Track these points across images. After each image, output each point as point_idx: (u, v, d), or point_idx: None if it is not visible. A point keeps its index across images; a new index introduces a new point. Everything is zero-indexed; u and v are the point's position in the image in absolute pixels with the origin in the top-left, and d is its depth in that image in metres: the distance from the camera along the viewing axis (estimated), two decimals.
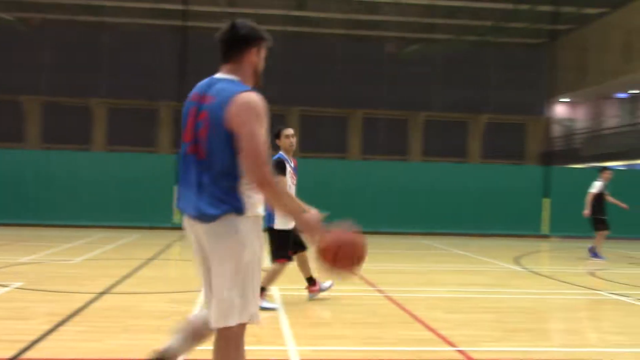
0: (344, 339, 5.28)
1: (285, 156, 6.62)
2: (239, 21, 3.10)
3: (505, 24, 27.94)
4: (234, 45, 3.08)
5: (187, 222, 3.09)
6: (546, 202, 18.50)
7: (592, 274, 10.27)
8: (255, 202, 3.00)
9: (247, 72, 3.10)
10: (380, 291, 7.85)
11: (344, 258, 2.93)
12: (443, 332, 5.60)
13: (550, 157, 22.63)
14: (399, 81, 29.36)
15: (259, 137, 2.86)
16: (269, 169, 2.86)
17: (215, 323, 2.95)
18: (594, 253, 12.42)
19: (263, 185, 2.87)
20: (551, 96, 26.99)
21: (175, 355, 3.23)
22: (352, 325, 5.88)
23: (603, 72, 28.37)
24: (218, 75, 3.09)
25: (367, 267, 10.18)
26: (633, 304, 7.53)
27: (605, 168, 13.17)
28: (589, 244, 12.95)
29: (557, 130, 34.85)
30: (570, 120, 36.43)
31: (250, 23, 3.12)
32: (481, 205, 18.56)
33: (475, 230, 18.33)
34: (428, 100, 29.92)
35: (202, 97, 3.02)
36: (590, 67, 29.41)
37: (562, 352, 5.03)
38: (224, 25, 3.10)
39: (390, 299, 7.32)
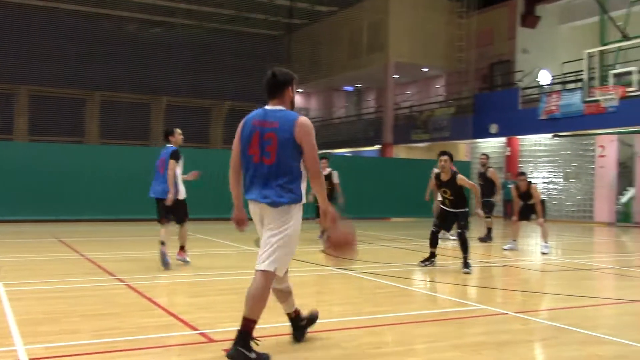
0: (78, 334, 5.03)
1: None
2: (277, 70, 4.56)
3: (245, 14, 28.74)
4: (277, 88, 4.50)
5: (258, 207, 4.39)
6: None
7: (324, 252, 11.15)
8: (302, 194, 4.38)
9: (287, 103, 4.53)
10: (120, 280, 7.62)
11: (345, 248, 4.96)
12: (184, 317, 5.65)
13: None
14: (140, 64, 28.44)
15: (315, 146, 4.35)
16: (320, 166, 4.34)
17: (257, 265, 4.40)
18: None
19: (318, 177, 4.32)
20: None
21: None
22: (86, 317, 5.62)
23: (333, 65, 30.75)
24: (269, 107, 4.45)
25: (104, 255, 9.77)
26: (357, 276, 8.36)
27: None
28: (312, 223, 13.92)
29: None
30: (305, 109, 38.86)
31: (284, 70, 4.62)
32: (225, 189, 18.92)
33: (212, 215, 18.64)
34: (170, 85, 29.49)
35: (263, 122, 4.35)
36: (322, 60, 31.68)
37: None
38: (267, 74, 4.52)
39: (130, 287, 7.15)
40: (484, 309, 6.39)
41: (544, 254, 11.42)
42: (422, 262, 9.41)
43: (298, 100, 38.67)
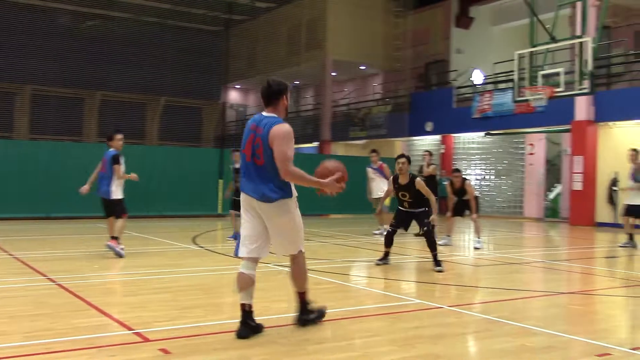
0: (8, 335, 4.86)
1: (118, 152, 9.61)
2: (271, 80, 5.12)
3: (184, 8, 28.28)
4: (272, 96, 5.08)
5: (248, 200, 5.02)
6: (221, 183, 19.36)
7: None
8: (294, 189, 5.06)
9: (281, 111, 5.10)
10: (51, 280, 7.39)
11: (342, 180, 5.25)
12: (118, 316, 5.54)
13: (225, 140, 23.69)
14: (74, 58, 27.55)
15: (283, 148, 4.87)
16: (290, 167, 4.86)
17: (284, 253, 5.28)
18: None
19: (285, 174, 4.88)
20: (225, 82, 28.22)
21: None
22: (16, 319, 5.43)
23: (271, 62, 30.66)
24: (264, 113, 5.06)
25: (34, 255, 9.46)
26: None
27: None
28: None
29: (230, 115, 36.61)
30: (243, 105, 38.60)
31: (278, 79, 5.16)
32: (160, 187, 18.62)
33: (154, 212, 18.35)
34: (105, 80, 28.70)
35: (256, 127, 4.97)
36: (259, 56, 31.55)
37: (234, 323, 5.37)
38: (263, 84, 5.12)
39: (62, 287, 6.95)
40: (420, 303, 6.52)
41: (476, 248, 11.75)
42: (377, 261, 9.36)
43: (235, 96, 38.42)
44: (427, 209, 9.15)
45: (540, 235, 16.41)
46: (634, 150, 12.76)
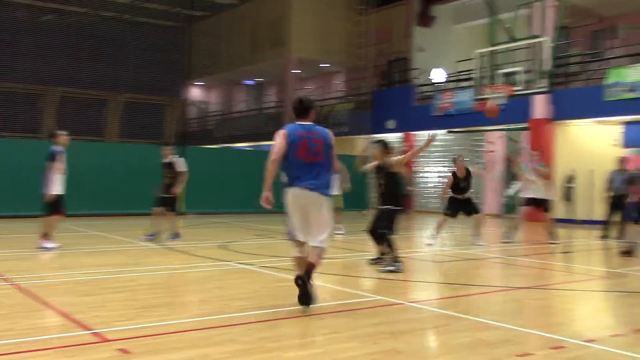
0: None
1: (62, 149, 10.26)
2: (303, 97, 6.33)
3: (144, 3, 27.91)
4: (305, 110, 6.18)
5: (304, 193, 6.00)
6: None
7: (224, 247, 11.08)
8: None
9: (313, 120, 6.19)
10: (6, 280, 7.24)
11: None
12: (77, 316, 5.46)
13: (186, 137, 23.49)
14: (31, 53, 26.90)
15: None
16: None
17: (324, 244, 6.05)
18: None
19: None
20: (187, 79, 27.97)
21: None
22: None
23: (233, 59, 30.48)
24: (305, 123, 6.14)
25: None
26: (256, 271, 8.39)
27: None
28: (220, 218, 13.83)
29: (192, 112, 36.29)
30: (205, 102, 38.29)
31: (308, 97, 6.36)
32: (120, 184, 18.36)
33: (115, 210, 18.09)
34: (64, 76, 28.10)
35: (309, 132, 6.04)
36: (222, 53, 31.33)
37: (195, 322, 5.35)
38: (295, 99, 6.29)
39: (18, 287, 6.81)
40: (381, 299, 6.59)
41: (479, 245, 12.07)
42: (371, 260, 9.11)
43: (197, 93, 38.09)
44: (391, 207, 8.65)
45: (499, 231, 16.69)
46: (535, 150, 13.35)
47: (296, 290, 5.82)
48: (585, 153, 19.00)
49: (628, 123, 19.13)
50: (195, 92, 37.50)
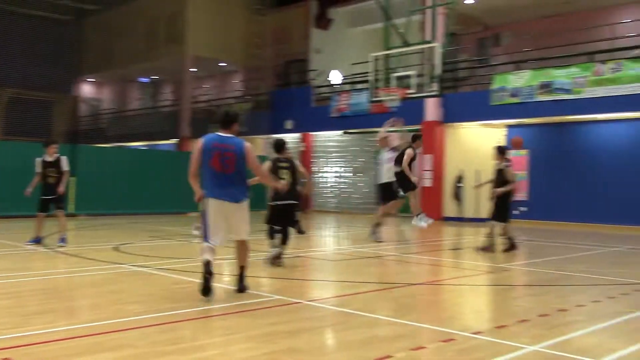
0: None
1: None
2: (229, 110, 7.36)
3: None
4: (228, 122, 6.76)
5: (219, 203, 6.42)
6: (72, 181, 18.38)
7: (117, 249, 10.71)
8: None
9: (235, 133, 6.73)
10: None
11: None
12: None
13: (77, 135, 22.53)
14: None
15: (256, 160, 6.72)
16: (262, 170, 7.08)
17: (245, 238, 6.68)
18: None
19: (264, 178, 7.18)
20: (79, 75, 26.82)
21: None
22: None
23: (127, 55, 29.54)
24: (223, 134, 6.65)
25: None
26: (152, 273, 8.18)
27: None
28: (114, 220, 13.38)
29: (84, 109, 34.82)
30: (97, 100, 36.86)
31: (234, 111, 7.60)
32: (4, 185, 17.31)
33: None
34: None
35: (222, 144, 6.50)
36: (116, 49, 30.28)
37: (86, 327, 5.14)
38: (222, 111, 7.03)
39: None
40: (279, 299, 6.61)
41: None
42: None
43: (89, 90, 36.63)
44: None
45: (393, 230, 17.20)
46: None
47: (195, 292, 5.74)
48: (473, 154, 19.93)
49: (510, 126, 20.28)
50: (87, 89, 36.03)
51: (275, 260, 8.89)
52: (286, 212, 9.02)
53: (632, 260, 10.77)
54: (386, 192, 13.01)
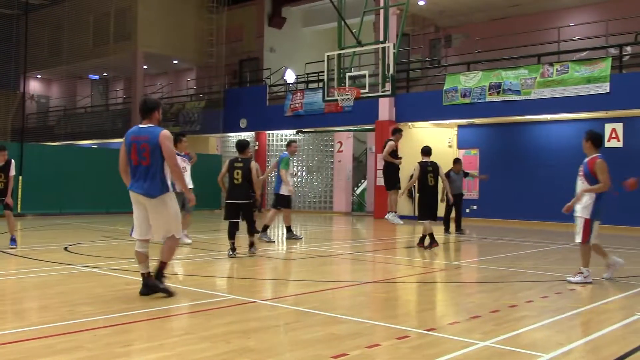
0: None
1: None
2: (147, 98, 7.00)
3: None
4: (148, 111, 6.39)
5: (136, 196, 6.31)
6: (20, 180, 17.90)
7: (67, 250, 10.48)
8: (169, 184, 6.44)
9: (155, 122, 6.42)
10: None
11: None
12: None
13: (24, 134, 21.91)
14: None
15: (173, 150, 6.37)
16: (176, 162, 6.39)
17: (165, 236, 6.44)
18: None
19: (175, 170, 6.34)
20: (25, 71, 26.04)
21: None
22: None
23: (77, 52, 28.88)
24: (142, 125, 6.36)
25: None
26: (103, 274, 8.03)
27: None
28: (64, 220, 13.08)
29: (31, 107, 33.88)
30: (45, 97, 35.93)
31: (153, 98, 7.04)
32: None
33: None
34: None
35: (138, 137, 6.24)
36: (64, 45, 29.53)
37: (35, 330, 5.02)
38: (141, 99, 6.71)
39: None
40: (234, 298, 6.58)
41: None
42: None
43: (37, 86, 35.68)
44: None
45: (348, 228, 17.31)
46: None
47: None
48: None
49: (461, 126, 20.65)
50: (34, 86, 35.07)
51: (252, 249, 10.26)
52: (239, 210, 9.97)
53: (578, 257, 11.10)
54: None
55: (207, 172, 17.88)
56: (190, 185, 11.25)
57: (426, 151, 11.83)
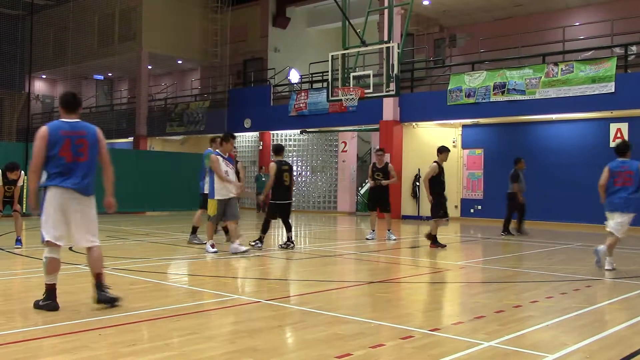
0: None
1: None
2: (74, 92, 6.36)
3: None
4: (78, 106, 6.14)
5: (67, 193, 5.77)
6: (26, 180, 17.92)
7: (72, 250, 10.50)
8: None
9: (79, 116, 6.08)
10: None
11: None
12: None
13: (29, 134, 21.97)
14: None
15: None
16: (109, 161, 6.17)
17: (90, 240, 5.97)
18: None
19: (111, 168, 6.17)
20: (30, 72, 26.13)
21: None
22: None
23: (81, 52, 28.97)
24: (72, 120, 5.95)
25: None
26: (108, 274, 8.03)
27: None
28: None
29: (36, 107, 34.00)
30: (50, 97, 36.02)
31: (77, 94, 6.40)
32: None
33: None
34: None
35: (73, 132, 5.86)
36: (69, 46, 29.62)
37: (40, 330, 5.04)
38: (67, 93, 6.24)
39: None
40: (238, 298, 6.59)
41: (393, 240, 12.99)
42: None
43: (42, 87, 35.79)
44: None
45: (352, 229, 17.30)
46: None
47: (152, 292, 5.66)
48: (430, 153, 20.17)
49: (465, 126, 20.63)
50: (39, 86, 35.19)
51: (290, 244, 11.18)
52: (285, 209, 11.31)
53: (582, 257, 11.07)
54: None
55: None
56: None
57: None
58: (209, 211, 10.40)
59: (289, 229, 11.22)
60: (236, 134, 26.45)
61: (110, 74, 34.02)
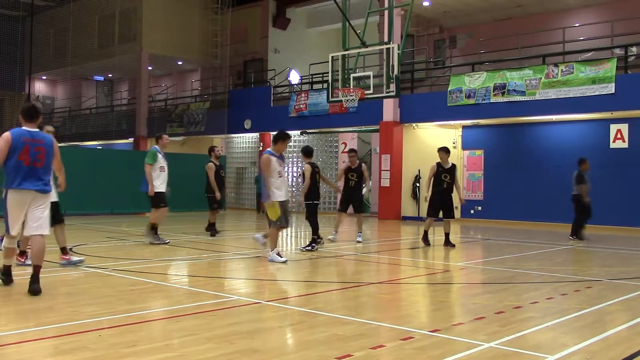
0: None
1: None
2: (36, 103, 8.16)
3: None
4: (36, 115, 6.79)
5: (28, 194, 6.59)
6: None
7: (72, 251, 10.49)
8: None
9: (37, 126, 6.83)
10: None
11: None
12: None
13: None
14: None
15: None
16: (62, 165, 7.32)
17: (45, 232, 6.81)
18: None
19: (63, 170, 7.47)
20: (30, 72, 26.15)
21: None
22: None
23: (81, 53, 28.98)
24: (31, 129, 6.69)
25: None
26: (109, 274, 8.04)
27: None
28: (69, 220, 13.06)
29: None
30: (50, 98, 36.04)
31: (37, 104, 8.16)
32: None
33: None
34: None
35: (33, 140, 6.61)
36: (69, 47, 29.66)
37: (40, 331, 5.03)
38: (28, 104, 6.95)
39: None
40: (238, 299, 6.58)
41: (359, 242, 12.94)
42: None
43: (42, 88, 35.81)
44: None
45: (352, 229, 17.29)
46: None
47: (152, 293, 5.66)
48: (430, 154, 20.18)
49: (465, 127, 20.63)
50: (39, 87, 35.20)
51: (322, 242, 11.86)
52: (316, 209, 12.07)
53: (582, 258, 11.07)
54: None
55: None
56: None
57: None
58: (270, 215, 9.60)
59: (317, 229, 11.70)
60: (236, 135, 26.62)
61: (110, 75, 34.03)
